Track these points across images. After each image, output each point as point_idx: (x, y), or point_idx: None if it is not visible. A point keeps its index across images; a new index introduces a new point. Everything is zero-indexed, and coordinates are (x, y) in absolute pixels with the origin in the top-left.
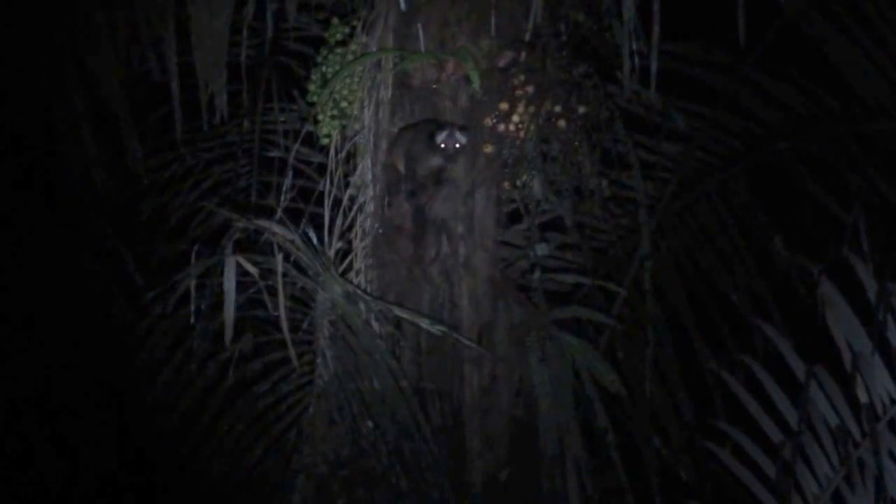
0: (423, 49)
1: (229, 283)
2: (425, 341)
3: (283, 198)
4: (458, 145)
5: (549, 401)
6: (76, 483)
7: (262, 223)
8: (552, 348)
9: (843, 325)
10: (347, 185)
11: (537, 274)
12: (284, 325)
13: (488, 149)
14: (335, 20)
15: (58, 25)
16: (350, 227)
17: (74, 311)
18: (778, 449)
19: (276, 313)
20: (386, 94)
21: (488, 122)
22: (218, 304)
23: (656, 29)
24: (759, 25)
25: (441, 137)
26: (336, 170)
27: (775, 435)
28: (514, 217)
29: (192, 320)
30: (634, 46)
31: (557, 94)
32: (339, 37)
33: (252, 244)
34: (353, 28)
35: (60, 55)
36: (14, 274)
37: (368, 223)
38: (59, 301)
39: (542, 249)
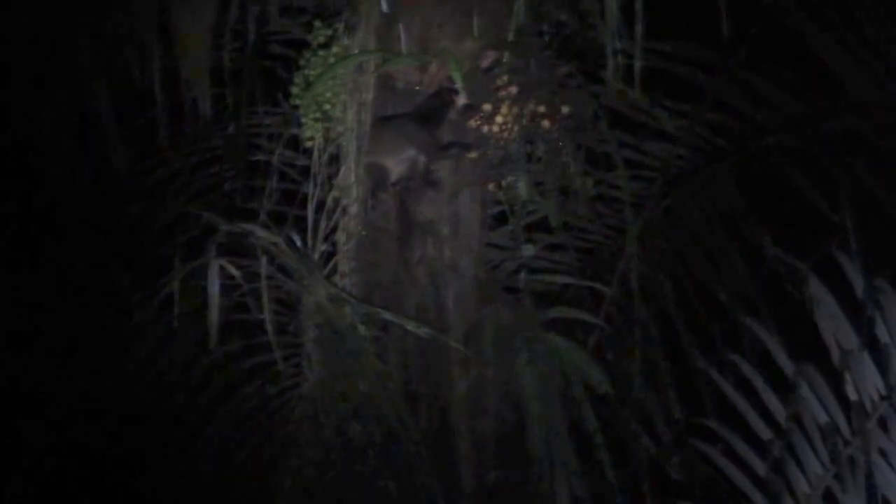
0: (405, 51)
1: (213, 286)
2: (412, 344)
3: (266, 201)
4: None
5: (537, 402)
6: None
7: (246, 226)
8: (540, 350)
9: (832, 322)
10: (331, 187)
11: (524, 275)
12: (270, 329)
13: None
14: (318, 23)
15: (41, 30)
16: (334, 230)
17: (59, 315)
18: (768, 447)
19: (261, 316)
20: (369, 95)
21: (472, 123)
22: (203, 308)
23: (639, 27)
24: (744, 22)
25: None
26: (320, 172)
27: (765, 433)
28: (500, 218)
29: (175, 324)
30: (618, 45)
31: (541, 94)
32: (321, 39)
33: (238, 247)
34: (336, 30)
35: (43, 60)
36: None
37: (352, 225)
38: (43, 305)
39: (528, 250)
